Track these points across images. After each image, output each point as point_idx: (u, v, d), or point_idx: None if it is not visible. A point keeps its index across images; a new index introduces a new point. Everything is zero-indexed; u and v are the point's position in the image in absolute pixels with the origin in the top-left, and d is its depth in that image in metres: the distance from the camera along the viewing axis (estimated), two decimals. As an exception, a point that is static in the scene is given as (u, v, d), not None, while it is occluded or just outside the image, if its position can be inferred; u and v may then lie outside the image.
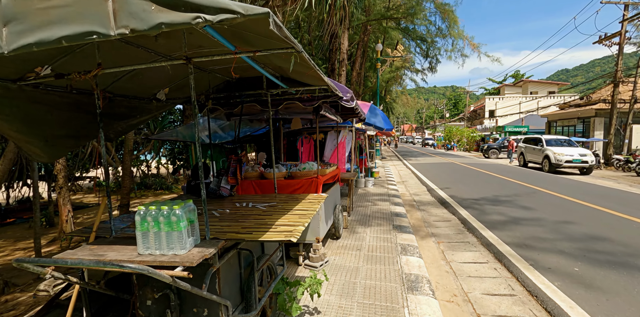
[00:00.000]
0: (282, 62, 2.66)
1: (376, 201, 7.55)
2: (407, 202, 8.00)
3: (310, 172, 3.88)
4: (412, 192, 9.42)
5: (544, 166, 15.18)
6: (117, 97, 2.93)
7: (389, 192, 8.84)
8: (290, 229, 2.09)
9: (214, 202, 3.16)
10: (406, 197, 8.69)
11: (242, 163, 3.41)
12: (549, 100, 41.21)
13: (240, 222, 2.34)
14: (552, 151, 14.83)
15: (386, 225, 5.57)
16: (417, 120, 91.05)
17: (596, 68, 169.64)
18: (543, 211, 6.66)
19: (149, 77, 2.91)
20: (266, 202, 3.03)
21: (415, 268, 3.79)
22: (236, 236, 1.99)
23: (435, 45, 21.40)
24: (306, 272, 3.65)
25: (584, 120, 23.41)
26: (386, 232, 5.15)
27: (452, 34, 19.31)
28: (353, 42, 21.20)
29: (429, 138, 53.53)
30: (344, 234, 5.14)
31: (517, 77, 58.85)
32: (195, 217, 1.80)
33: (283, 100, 3.55)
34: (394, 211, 6.59)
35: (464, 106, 72.98)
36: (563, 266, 3.94)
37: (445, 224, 6.03)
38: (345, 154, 7.31)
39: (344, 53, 17.31)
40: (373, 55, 25.40)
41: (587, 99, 21.90)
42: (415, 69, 33.76)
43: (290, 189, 3.74)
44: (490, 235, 5.11)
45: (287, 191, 3.74)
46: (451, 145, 37.99)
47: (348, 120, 7.25)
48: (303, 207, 2.73)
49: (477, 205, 7.38)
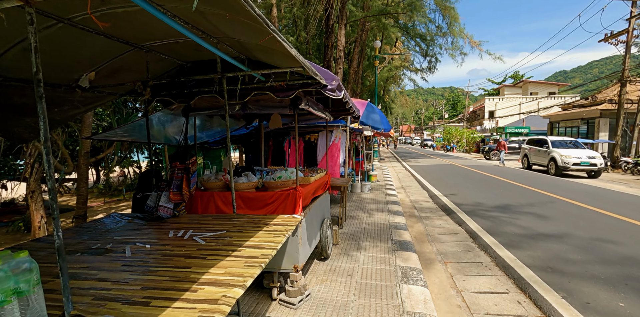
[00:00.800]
0: (239, 33, 1.87)
1: (373, 210, 6.75)
2: (407, 210, 7.20)
3: (288, 182, 3.08)
4: (413, 199, 8.63)
5: (550, 169, 14.44)
6: (10, 83, 2.12)
7: (387, 198, 8.04)
8: (218, 293, 1.29)
9: (147, 227, 2.36)
10: (406, 204, 7.90)
11: (189, 173, 2.60)
12: (549, 101, 40.64)
13: (149, 274, 1.54)
14: (558, 153, 14.09)
15: (384, 240, 4.77)
16: (416, 121, 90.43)
17: (594, 70, 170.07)
18: (563, 222, 5.88)
19: (58, 53, 2.11)
20: (214, 229, 2.23)
21: (419, 304, 2.99)
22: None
23: (435, 42, 20.65)
24: (281, 312, 2.84)
25: (588, 121, 22.71)
26: (384, 251, 4.35)
27: (452, 31, 18.56)
28: (350, 39, 20.44)
29: (428, 139, 52.85)
30: (334, 251, 4.34)
31: (517, 77, 58.32)
32: (33, 282, 0.99)
33: (251, 90, 2.75)
34: (393, 222, 5.79)
35: (462, 107, 72.32)
36: (604, 300, 3.15)
37: (451, 239, 5.24)
38: (339, 157, 6.52)
39: (340, 50, 16.56)
40: (371, 54, 24.63)
41: (592, 99, 21.19)
42: (414, 68, 33.08)
43: (261, 205, 2.94)
44: (507, 255, 4.31)
45: (256, 207, 2.93)
46: (451, 146, 37.29)
47: (341, 119, 6.47)
48: (261, 240, 1.94)
49: (486, 214, 6.59)
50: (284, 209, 2.86)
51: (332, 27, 13.98)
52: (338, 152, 6.43)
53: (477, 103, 52.97)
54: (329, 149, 6.37)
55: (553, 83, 49.03)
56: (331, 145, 6.37)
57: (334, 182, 5.26)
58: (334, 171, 6.41)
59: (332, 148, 6.37)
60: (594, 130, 22.15)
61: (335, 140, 6.40)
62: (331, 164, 6.34)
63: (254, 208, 2.92)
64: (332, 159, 6.38)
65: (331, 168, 6.35)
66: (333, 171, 6.43)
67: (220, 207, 3.01)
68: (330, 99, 4.28)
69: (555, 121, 26.88)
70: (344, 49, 17.55)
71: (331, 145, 6.37)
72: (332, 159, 6.36)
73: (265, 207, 2.90)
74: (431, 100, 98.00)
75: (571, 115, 24.24)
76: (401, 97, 60.63)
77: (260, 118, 4.30)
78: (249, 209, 2.93)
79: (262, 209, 2.90)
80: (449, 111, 74.76)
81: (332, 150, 6.38)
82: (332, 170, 6.41)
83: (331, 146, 6.38)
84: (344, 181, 5.49)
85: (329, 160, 6.35)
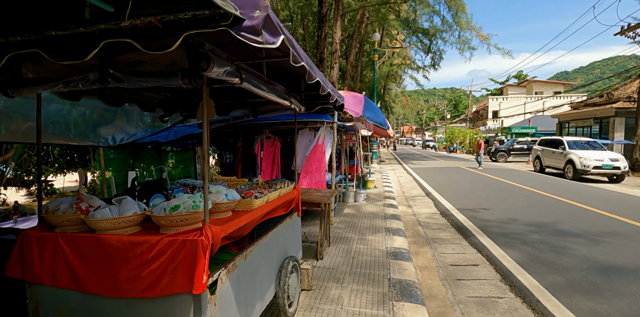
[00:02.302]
0: None
1: (367, 229, 5.35)
2: (410, 228, 5.81)
3: (193, 215, 1.68)
4: (417, 211, 7.23)
5: (567, 173, 13.03)
6: None
7: (386, 210, 6.65)
8: None
9: None
10: (408, 218, 6.51)
11: None
12: (555, 100, 39.39)
13: None
14: (576, 155, 12.68)
15: (377, 282, 3.38)
16: (417, 122, 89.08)
17: (595, 70, 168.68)
18: (623, 246, 4.48)
19: None
20: None
21: None
22: None
23: (439, 36, 19.25)
24: None
25: (602, 120, 21.29)
26: (376, 301, 2.96)
27: (458, 23, 17.17)
28: (348, 32, 19.08)
29: (430, 140, 51.49)
30: (305, 301, 2.96)
31: (520, 77, 56.97)
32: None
33: (99, 36, 1.36)
34: (392, 248, 4.40)
35: (464, 108, 70.91)
36: None
37: (472, 275, 3.84)
38: (323, 161, 5.13)
39: (336, 43, 15.18)
40: (370, 51, 23.22)
41: (608, 97, 19.77)
42: (416, 66, 31.72)
43: (131, 269, 1.54)
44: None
45: (123, 276, 1.54)
46: (454, 147, 35.89)
47: (326, 114, 5.10)
48: None
49: (517, 237, 5.17)
50: (172, 278, 1.46)
51: (326, 16, 12.61)
52: (323, 156, 5.05)
53: (480, 103, 51.59)
54: (312, 152, 4.99)
55: (559, 82, 47.71)
56: (314, 147, 4.99)
57: (310, 197, 3.87)
58: (317, 179, 5.03)
59: (315, 151, 4.99)
60: (608, 130, 20.73)
61: (319, 141, 5.03)
62: (314, 170, 4.96)
63: (118, 279, 1.53)
64: (316, 165, 4.99)
65: (314, 176, 4.97)
66: (317, 179, 5.04)
67: (75, 268, 1.62)
68: (303, 82, 2.90)
69: (565, 121, 25.47)
70: (340, 42, 16.19)
71: (314, 147, 4.99)
72: (315, 165, 4.98)
73: (139, 276, 1.50)
74: (432, 101, 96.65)
75: (582, 114, 22.83)
76: (402, 97, 59.32)
77: (181, 104, 2.89)
78: (110, 280, 1.54)
79: (134, 282, 1.50)
80: (450, 112, 73.40)
81: (315, 153, 4.99)
82: (315, 178, 5.04)
83: (314, 148, 4.99)
84: (326, 195, 4.10)
85: (312, 166, 4.97)
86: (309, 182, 4.91)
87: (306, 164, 4.90)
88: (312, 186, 4.93)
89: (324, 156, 4.97)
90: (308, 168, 4.89)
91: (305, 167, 4.90)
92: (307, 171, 4.89)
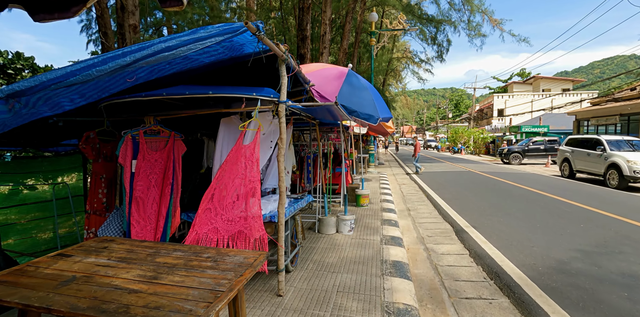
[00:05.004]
0: None
1: (349, 302, 2.82)
2: (426, 288, 3.29)
3: None
4: (434, 249, 4.69)
5: (610, 179, 10.51)
6: None
7: (384, 252, 4.14)
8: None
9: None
10: (422, 268, 3.99)
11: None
12: (565, 98, 37.10)
13: None
14: (622, 158, 10.16)
15: None
16: (417, 122, 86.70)
17: (595, 70, 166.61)
18: None
19: None
20: None
21: None
22: None
23: (449, 16, 16.72)
24: None
25: (629, 117, 18.80)
26: None
27: (468, 2, 14.63)
28: (342, 10, 16.55)
29: (432, 140, 49.09)
30: None
31: (523, 75, 54.52)
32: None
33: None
34: None
35: (465, 107, 68.27)
36: None
37: None
38: (253, 178, 2.59)
39: (325, 24, 12.64)
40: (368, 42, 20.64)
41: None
42: (418, 60, 29.23)
43: None
44: None
45: None
46: (459, 147, 33.40)
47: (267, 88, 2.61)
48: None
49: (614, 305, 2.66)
50: None
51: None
52: (252, 167, 2.50)
53: (484, 101, 49.11)
54: (229, 162, 2.45)
55: (567, 79, 45.29)
56: (233, 151, 2.45)
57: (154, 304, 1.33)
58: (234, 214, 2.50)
59: (235, 158, 2.44)
60: (637, 128, 18.24)
61: (244, 140, 2.48)
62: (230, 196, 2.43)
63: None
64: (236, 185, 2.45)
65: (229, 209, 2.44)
66: (233, 214, 2.52)
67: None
68: None
69: (584, 119, 22.99)
70: (330, 23, 13.67)
71: (233, 151, 2.45)
72: (233, 185, 2.44)
73: None
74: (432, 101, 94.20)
75: (605, 111, 20.35)
76: (402, 97, 56.80)
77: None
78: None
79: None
80: (452, 111, 71.00)
81: (235, 163, 2.45)
82: (230, 213, 2.51)
83: (234, 153, 2.45)
84: (248, 259, 1.57)
85: (227, 187, 2.43)
86: (216, 222, 2.40)
87: (214, 184, 2.37)
88: (222, 229, 2.41)
89: (253, 167, 2.44)
90: (217, 192, 2.37)
91: (212, 189, 2.37)
92: (213, 198, 2.37)
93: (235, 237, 2.47)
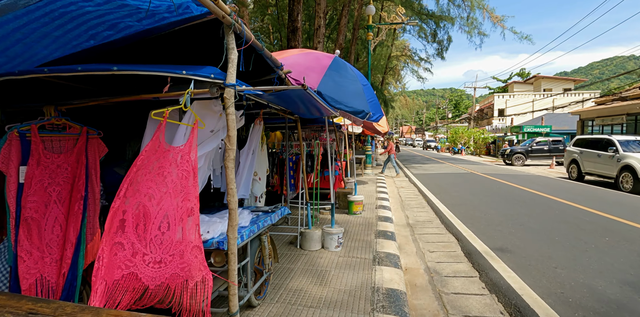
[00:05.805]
0: None
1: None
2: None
3: None
4: (437, 270, 3.96)
5: (623, 183, 9.79)
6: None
7: (376, 277, 3.41)
8: None
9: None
10: (424, 299, 3.26)
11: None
12: (566, 98, 36.50)
13: None
14: (637, 160, 9.45)
15: None
16: (416, 122, 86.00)
17: (595, 71, 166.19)
18: None
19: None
20: None
21: None
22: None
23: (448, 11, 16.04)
24: None
25: (637, 116, 18.09)
26: None
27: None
28: (338, 3, 15.82)
29: (431, 140, 48.35)
30: None
31: (523, 75, 53.86)
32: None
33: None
34: None
35: (464, 107, 67.48)
36: None
37: None
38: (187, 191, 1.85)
39: (320, 17, 11.90)
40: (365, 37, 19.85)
41: (649, 88, 16.55)
42: (418, 59, 28.56)
43: None
44: None
45: None
46: (458, 148, 32.70)
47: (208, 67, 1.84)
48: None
49: None
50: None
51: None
52: (187, 180, 1.75)
53: (484, 101, 48.40)
54: (145, 171, 1.69)
55: (569, 78, 44.68)
56: (152, 153, 1.70)
57: None
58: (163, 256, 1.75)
59: (155, 165, 1.70)
60: (645, 128, 17.55)
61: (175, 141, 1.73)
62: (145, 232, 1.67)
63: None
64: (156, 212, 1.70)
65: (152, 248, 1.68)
66: (156, 272, 1.77)
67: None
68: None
69: (588, 118, 22.28)
70: (326, 16, 12.95)
71: (152, 153, 1.70)
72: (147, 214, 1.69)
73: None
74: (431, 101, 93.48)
75: (611, 110, 19.65)
76: (401, 97, 56.04)
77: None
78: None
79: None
80: (451, 111, 70.34)
81: (157, 173, 1.70)
82: (158, 252, 1.75)
83: (153, 158, 1.70)
84: None
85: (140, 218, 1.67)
86: (134, 265, 1.65)
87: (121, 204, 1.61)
88: (146, 276, 1.67)
89: (189, 180, 1.70)
90: (131, 217, 1.63)
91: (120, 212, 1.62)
92: (125, 226, 1.63)
93: (165, 286, 1.73)
